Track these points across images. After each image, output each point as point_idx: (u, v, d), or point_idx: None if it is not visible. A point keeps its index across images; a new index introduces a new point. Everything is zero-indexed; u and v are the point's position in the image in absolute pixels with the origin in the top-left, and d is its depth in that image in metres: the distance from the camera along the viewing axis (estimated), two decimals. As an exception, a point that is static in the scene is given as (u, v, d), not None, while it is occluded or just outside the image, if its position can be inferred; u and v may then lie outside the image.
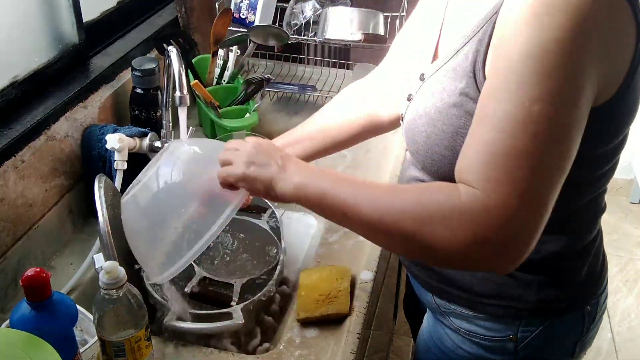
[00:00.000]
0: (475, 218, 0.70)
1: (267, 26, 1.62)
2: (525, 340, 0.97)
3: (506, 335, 0.98)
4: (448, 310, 1.02)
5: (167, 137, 1.26)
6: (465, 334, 1.01)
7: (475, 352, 1.01)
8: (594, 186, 0.92)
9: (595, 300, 1.01)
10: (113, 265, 0.84)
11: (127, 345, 0.87)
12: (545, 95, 0.69)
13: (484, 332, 0.99)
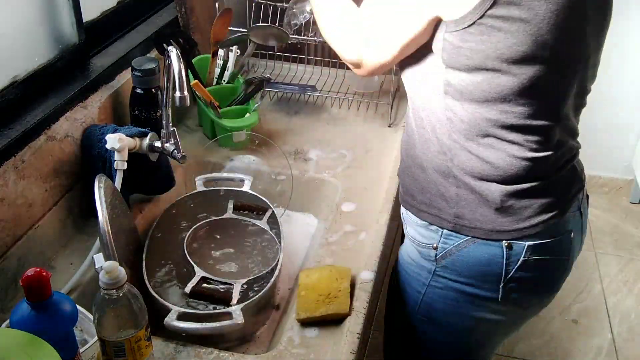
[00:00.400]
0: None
1: (267, 26, 1.62)
2: (444, 251, 1.11)
3: (430, 243, 1.13)
4: (406, 219, 1.20)
5: (167, 137, 1.26)
6: (411, 239, 1.18)
7: (413, 256, 1.18)
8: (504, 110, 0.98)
9: (518, 243, 1.06)
10: (113, 265, 0.84)
11: (127, 345, 0.87)
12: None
13: (420, 238, 1.15)
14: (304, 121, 1.70)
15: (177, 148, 1.26)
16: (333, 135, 1.63)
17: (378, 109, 1.74)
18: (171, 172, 1.36)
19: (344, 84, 1.85)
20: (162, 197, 1.37)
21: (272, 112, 1.73)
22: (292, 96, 1.80)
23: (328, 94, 1.79)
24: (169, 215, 1.29)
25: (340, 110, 1.75)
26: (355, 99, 1.78)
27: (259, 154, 1.48)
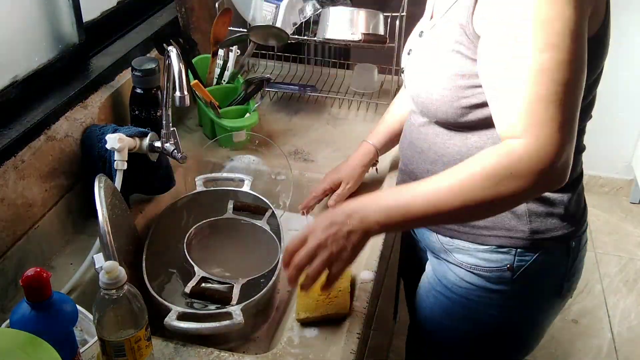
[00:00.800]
0: (534, 159, 0.83)
1: (267, 26, 1.62)
2: (520, 270, 1.07)
3: (504, 265, 1.08)
4: (451, 247, 1.12)
5: (167, 137, 1.26)
6: (467, 267, 1.11)
7: (477, 283, 1.11)
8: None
9: (578, 237, 1.11)
10: (113, 265, 0.84)
11: (127, 345, 0.87)
12: (549, 42, 0.81)
13: (484, 264, 1.09)
14: (304, 121, 1.70)
15: (177, 148, 1.26)
16: (333, 135, 1.63)
17: (378, 109, 1.74)
18: (171, 172, 1.36)
19: (344, 84, 1.86)
20: (162, 197, 1.37)
21: (272, 112, 1.73)
22: (292, 96, 1.80)
23: (328, 94, 1.79)
24: (169, 215, 1.29)
25: (340, 110, 1.75)
26: (355, 99, 1.78)
27: (259, 154, 1.48)
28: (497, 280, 1.09)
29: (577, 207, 1.09)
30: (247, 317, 1.05)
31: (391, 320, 2.14)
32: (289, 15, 1.65)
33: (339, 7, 1.70)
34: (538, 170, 0.83)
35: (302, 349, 1.02)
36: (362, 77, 1.82)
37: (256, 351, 1.12)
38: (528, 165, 0.83)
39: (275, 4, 1.65)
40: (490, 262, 1.08)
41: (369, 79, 1.82)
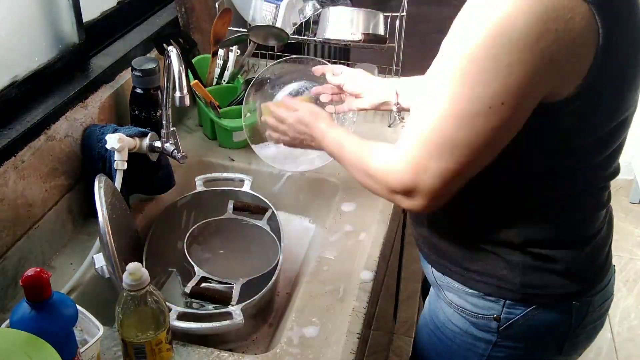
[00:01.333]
0: (388, 170, 0.92)
1: (267, 26, 1.62)
2: (507, 322, 1.02)
3: (490, 314, 1.03)
4: (443, 283, 1.08)
5: (167, 137, 1.26)
6: (456, 308, 1.07)
7: (463, 326, 1.07)
8: (582, 178, 0.95)
9: (587, 298, 1.02)
10: (136, 267, 0.84)
11: (147, 347, 0.87)
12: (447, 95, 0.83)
13: (472, 308, 1.04)
14: (304, 121, 1.69)
15: (177, 148, 1.26)
16: (333, 135, 1.62)
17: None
18: (171, 172, 1.36)
19: (344, 84, 1.85)
20: (162, 197, 1.37)
21: (272, 112, 1.73)
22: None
23: (328, 94, 1.78)
24: (169, 215, 1.29)
25: (340, 110, 1.75)
26: (355, 99, 1.77)
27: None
28: (483, 327, 1.04)
29: (587, 267, 1.01)
30: (247, 317, 1.05)
31: (391, 320, 2.14)
32: (289, 15, 1.65)
33: (339, 7, 1.70)
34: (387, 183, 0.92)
35: (302, 349, 1.02)
36: (362, 77, 1.82)
37: (256, 351, 1.12)
38: (382, 174, 0.94)
39: (275, 4, 1.65)
40: (478, 308, 1.04)
41: (369, 79, 1.81)
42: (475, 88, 0.81)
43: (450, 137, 0.84)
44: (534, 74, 0.79)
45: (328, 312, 1.09)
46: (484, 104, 0.81)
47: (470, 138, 0.84)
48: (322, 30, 1.68)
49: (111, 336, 1.00)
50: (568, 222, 0.98)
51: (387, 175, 0.92)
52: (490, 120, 0.82)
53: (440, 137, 0.85)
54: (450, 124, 0.84)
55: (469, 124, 0.83)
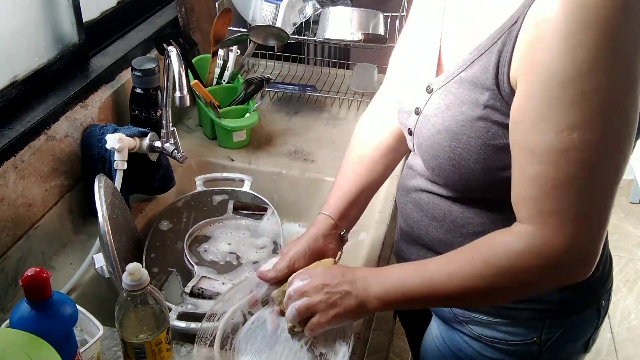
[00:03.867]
0: (539, 256, 0.77)
1: (267, 26, 1.62)
2: (549, 342, 0.98)
3: (530, 339, 0.97)
4: (467, 319, 1.01)
5: (167, 137, 1.26)
6: (487, 341, 1.00)
7: (498, 357, 1.00)
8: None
9: (607, 294, 1.02)
10: (136, 267, 0.84)
11: (147, 348, 0.87)
12: (582, 121, 0.71)
13: (507, 337, 0.98)
14: (304, 121, 1.70)
15: (177, 148, 1.26)
16: (333, 135, 1.63)
17: (378, 109, 1.73)
18: (171, 172, 1.36)
19: (344, 84, 1.86)
20: (162, 197, 1.37)
21: (272, 112, 1.73)
22: (292, 96, 1.80)
23: (328, 94, 1.79)
24: (169, 215, 1.29)
25: (340, 110, 1.75)
26: (355, 99, 1.78)
27: (259, 154, 1.48)
28: (522, 354, 0.98)
29: (605, 266, 0.99)
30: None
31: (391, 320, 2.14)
32: (289, 15, 1.65)
33: (339, 7, 1.70)
34: (542, 266, 0.78)
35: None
36: (362, 77, 1.82)
37: (256, 351, 1.12)
38: (530, 262, 0.78)
39: (275, 4, 1.65)
40: (514, 336, 0.97)
41: (368, 79, 1.82)
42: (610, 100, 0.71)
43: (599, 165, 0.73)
44: None
45: (328, 312, 1.08)
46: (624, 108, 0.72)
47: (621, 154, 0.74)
48: (322, 30, 1.68)
49: (111, 336, 1.00)
50: None
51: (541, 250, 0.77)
52: (633, 125, 0.73)
53: (590, 170, 0.73)
54: (597, 150, 0.72)
55: (617, 138, 0.73)
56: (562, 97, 0.71)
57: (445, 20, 0.92)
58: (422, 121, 0.91)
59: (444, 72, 0.89)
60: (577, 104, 0.71)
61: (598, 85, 0.70)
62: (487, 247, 0.82)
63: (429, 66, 0.92)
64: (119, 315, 0.86)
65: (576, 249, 0.76)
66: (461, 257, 0.84)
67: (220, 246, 1.23)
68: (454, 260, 0.85)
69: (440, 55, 0.92)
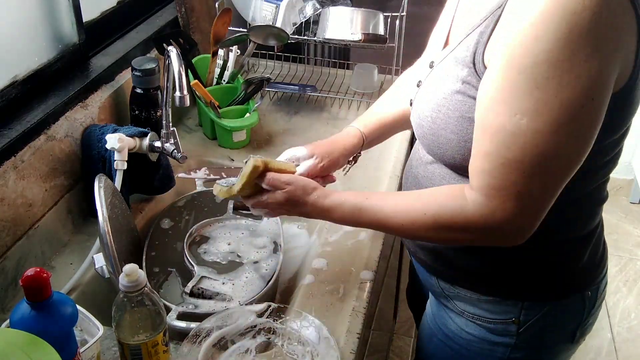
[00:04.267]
0: (484, 222, 0.85)
1: (267, 26, 1.62)
2: (527, 323, 1.01)
3: (509, 318, 1.01)
4: (452, 294, 1.06)
5: (167, 137, 1.26)
6: (469, 317, 1.05)
7: (479, 334, 1.05)
8: (597, 175, 0.94)
9: (596, 286, 1.04)
10: (132, 268, 0.84)
11: (143, 349, 0.87)
12: (532, 109, 0.76)
13: (487, 315, 1.03)
14: (304, 121, 1.70)
15: (177, 148, 1.26)
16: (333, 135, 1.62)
17: (378, 109, 1.73)
18: (171, 172, 1.36)
19: (344, 84, 1.86)
20: (162, 197, 1.37)
21: (272, 112, 1.73)
22: (292, 96, 1.80)
23: (328, 94, 1.79)
24: (169, 215, 1.29)
25: (340, 110, 1.75)
26: (355, 99, 1.78)
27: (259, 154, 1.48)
28: (501, 332, 1.03)
29: (593, 257, 1.02)
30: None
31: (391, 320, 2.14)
32: (289, 15, 1.65)
33: (339, 7, 1.70)
34: (485, 230, 0.86)
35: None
36: (362, 77, 1.82)
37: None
38: (475, 224, 0.86)
39: (275, 4, 1.65)
40: (494, 314, 1.02)
41: (368, 79, 1.82)
42: (561, 93, 0.74)
43: (545, 153, 0.78)
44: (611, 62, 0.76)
45: (328, 312, 1.09)
46: (574, 106, 0.75)
47: (569, 148, 0.78)
48: (322, 30, 1.68)
49: (111, 336, 1.00)
50: (579, 218, 0.98)
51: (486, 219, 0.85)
52: (584, 122, 0.77)
53: (536, 156, 0.78)
54: (543, 139, 0.77)
55: (565, 133, 0.77)
56: (517, 83, 0.76)
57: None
58: (419, 93, 1.00)
59: (446, 48, 0.96)
60: (529, 92, 0.76)
61: (551, 77, 0.74)
62: (439, 206, 0.90)
63: (439, 42, 1.01)
64: (115, 316, 0.86)
65: (513, 224, 0.84)
66: (413, 208, 0.92)
67: (220, 246, 1.23)
68: (406, 211, 0.93)
69: (450, 31, 0.99)
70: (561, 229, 0.97)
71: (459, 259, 1.02)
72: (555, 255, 0.99)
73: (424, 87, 0.98)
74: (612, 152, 0.92)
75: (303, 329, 1.02)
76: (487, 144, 0.82)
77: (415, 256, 1.12)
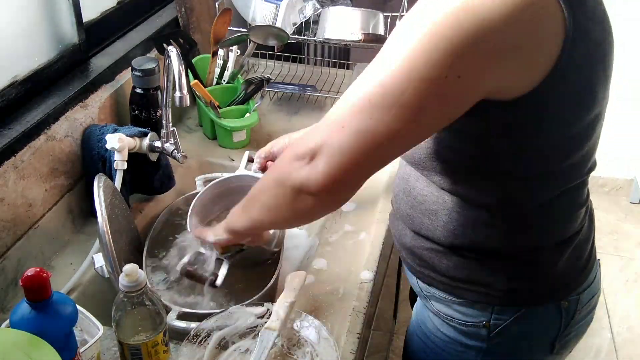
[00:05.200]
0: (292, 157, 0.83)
1: (267, 26, 1.62)
2: (497, 328, 1.01)
3: (480, 322, 1.02)
4: (429, 294, 1.07)
5: (167, 137, 1.26)
6: (444, 318, 1.05)
7: (453, 335, 1.05)
8: (559, 180, 0.93)
9: (575, 297, 1.02)
10: (133, 268, 0.84)
11: (143, 349, 0.87)
12: (364, 74, 0.79)
13: (460, 317, 1.03)
14: (304, 121, 1.69)
15: (177, 148, 1.26)
16: (333, 135, 1.62)
17: (378, 109, 1.73)
18: (171, 172, 1.36)
19: (344, 84, 1.86)
20: (162, 197, 1.37)
21: (272, 112, 1.73)
22: (292, 96, 1.80)
23: (328, 94, 1.79)
24: (169, 215, 1.29)
25: (340, 110, 1.75)
26: (355, 99, 1.77)
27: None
28: (473, 335, 1.03)
29: (572, 265, 1.01)
30: (247, 317, 1.05)
31: (391, 320, 2.14)
32: (289, 15, 1.65)
33: (339, 7, 1.70)
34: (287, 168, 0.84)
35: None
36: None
37: (256, 351, 1.12)
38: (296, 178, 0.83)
39: (275, 4, 1.65)
40: (466, 317, 1.03)
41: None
42: (432, 54, 0.73)
43: (389, 92, 0.75)
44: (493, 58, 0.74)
45: (328, 312, 1.09)
46: (441, 70, 0.73)
47: (411, 102, 0.74)
48: (322, 30, 1.68)
49: (111, 336, 1.00)
50: (549, 225, 0.97)
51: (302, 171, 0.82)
52: (440, 90, 0.75)
53: (380, 90, 0.76)
54: (397, 80, 0.75)
55: (418, 87, 0.74)
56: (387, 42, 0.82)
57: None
58: None
59: None
60: (374, 62, 0.80)
61: (386, 53, 0.79)
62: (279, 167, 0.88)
63: None
64: (115, 316, 0.86)
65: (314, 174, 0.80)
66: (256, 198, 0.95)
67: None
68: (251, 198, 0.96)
69: None
70: (529, 235, 0.96)
71: (434, 261, 1.02)
72: (525, 262, 0.98)
73: None
74: (572, 156, 0.90)
75: (303, 329, 1.02)
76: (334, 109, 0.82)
77: (400, 255, 1.13)
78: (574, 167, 0.92)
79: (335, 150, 0.78)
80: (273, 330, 0.97)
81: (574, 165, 0.92)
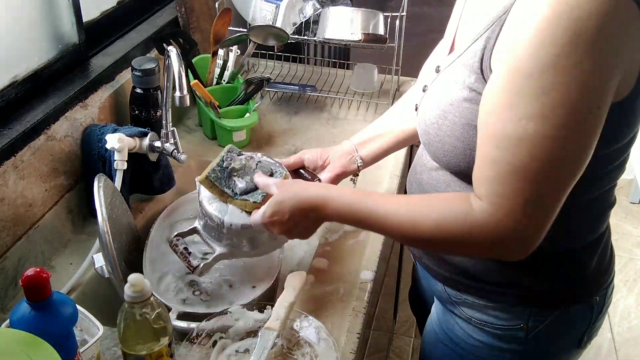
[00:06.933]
0: (490, 231, 0.82)
1: (267, 26, 1.62)
2: (535, 330, 1.00)
3: (517, 325, 1.00)
4: (459, 300, 1.05)
5: (167, 137, 1.26)
6: (477, 323, 1.04)
7: (486, 340, 1.04)
8: (604, 181, 0.94)
9: (604, 291, 1.03)
10: (138, 278, 0.82)
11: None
12: (539, 114, 0.75)
13: (495, 321, 1.02)
14: (304, 121, 1.70)
15: (177, 148, 1.26)
16: (333, 135, 1.63)
17: (378, 109, 1.74)
18: (171, 172, 1.36)
19: (343, 84, 1.86)
20: (162, 197, 1.37)
21: (272, 112, 1.73)
22: (292, 96, 1.80)
23: (328, 94, 1.79)
24: (169, 215, 1.29)
25: (340, 110, 1.75)
26: (355, 99, 1.78)
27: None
28: (509, 338, 1.02)
29: (601, 262, 1.01)
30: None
31: (391, 320, 2.14)
32: (289, 15, 1.65)
33: (339, 7, 1.70)
34: (488, 240, 0.83)
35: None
36: (362, 77, 1.82)
37: (256, 351, 1.12)
38: (480, 232, 0.82)
39: (275, 4, 1.65)
40: (502, 320, 1.01)
41: (368, 79, 1.82)
42: (568, 100, 0.74)
43: (551, 159, 0.76)
44: (615, 70, 0.76)
45: (328, 312, 1.09)
46: (581, 112, 0.75)
47: (574, 154, 0.77)
48: (322, 30, 1.68)
49: (111, 336, 1.00)
50: (586, 224, 0.97)
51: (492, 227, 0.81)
52: (589, 128, 0.76)
53: (542, 162, 0.76)
54: (549, 144, 0.75)
55: (571, 138, 0.76)
56: (524, 88, 0.75)
57: (466, 3, 0.98)
58: (425, 99, 0.98)
59: (452, 53, 0.94)
60: (536, 97, 0.74)
61: (558, 82, 0.73)
62: (444, 209, 0.86)
63: (445, 47, 0.99)
64: (120, 326, 0.85)
65: (519, 233, 0.81)
66: (415, 208, 0.89)
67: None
68: (408, 212, 0.89)
69: (456, 36, 0.97)
70: (569, 236, 0.96)
71: (466, 265, 1.00)
72: (564, 262, 0.98)
73: (430, 92, 0.97)
74: (619, 158, 0.91)
75: (303, 329, 1.02)
76: (492, 150, 0.80)
77: (420, 261, 1.11)
78: (616, 169, 0.93)
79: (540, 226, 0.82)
80: (273, 330, 0.97)
81: (616, 168, 0.93)
